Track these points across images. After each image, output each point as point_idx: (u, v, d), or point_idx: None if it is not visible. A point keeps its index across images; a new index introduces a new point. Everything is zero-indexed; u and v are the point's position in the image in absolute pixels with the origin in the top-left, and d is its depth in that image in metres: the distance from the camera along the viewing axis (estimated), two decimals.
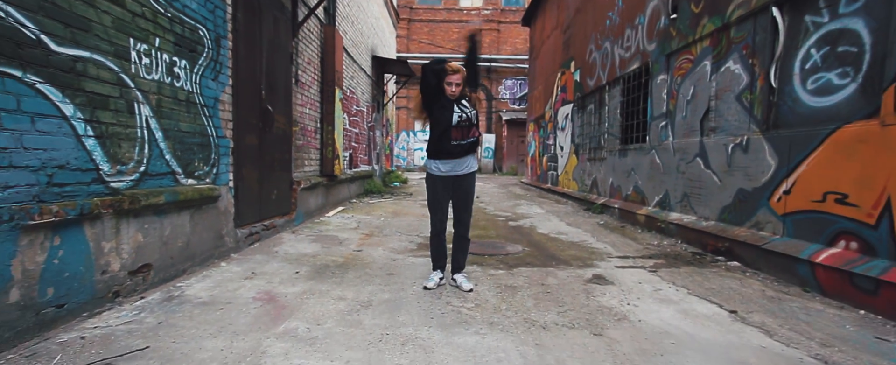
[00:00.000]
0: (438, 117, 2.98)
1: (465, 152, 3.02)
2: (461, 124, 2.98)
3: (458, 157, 3.01)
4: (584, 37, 8.96)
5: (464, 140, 3.00)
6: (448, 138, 2.97)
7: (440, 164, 3.04)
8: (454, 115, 2.97)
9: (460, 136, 2.99)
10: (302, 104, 5.87)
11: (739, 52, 4.01)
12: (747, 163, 3.85)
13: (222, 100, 3.69)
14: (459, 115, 2.98)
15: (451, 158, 3.01)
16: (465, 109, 3.00)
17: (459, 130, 2.98)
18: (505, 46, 23.46)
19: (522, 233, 5.50)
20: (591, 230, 5.67)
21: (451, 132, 2.97)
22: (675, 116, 5.18)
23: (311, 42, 6.17)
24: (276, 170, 4.85)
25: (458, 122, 2.97)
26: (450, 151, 2.98)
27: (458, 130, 2.98)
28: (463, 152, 3.01)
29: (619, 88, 7.04)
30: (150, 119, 2.78)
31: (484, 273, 3.52)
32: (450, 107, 2.98)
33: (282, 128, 5.02)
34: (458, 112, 2.98)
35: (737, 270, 3.69)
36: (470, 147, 3.04)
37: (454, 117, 2.97)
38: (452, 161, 3.02)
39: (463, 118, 2.98)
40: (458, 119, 2.97)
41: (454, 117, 2.97)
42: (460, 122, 2.98)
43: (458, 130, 2.98)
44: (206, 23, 3.43)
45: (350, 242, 4.65)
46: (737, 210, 3.98)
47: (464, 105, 3.02)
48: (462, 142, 3.00)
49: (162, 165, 2.89)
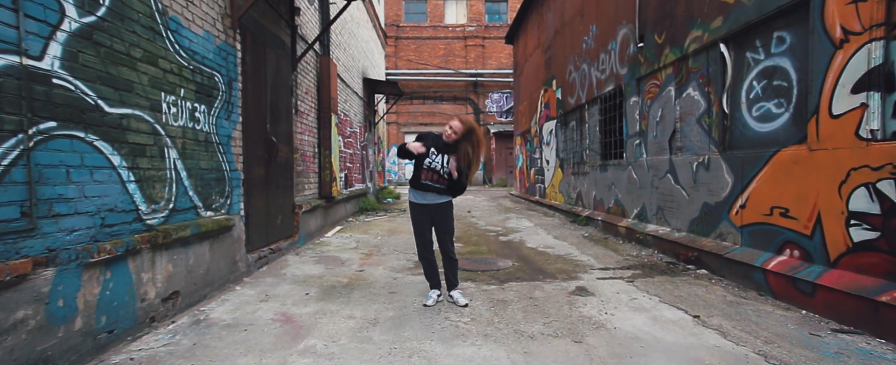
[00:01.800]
0: (422, 159, 3.32)
1: (436, 191, 3.35)
2: (432, 169, 3.30)
3: (430, 192, 3.36)
4: (563, 57, 9.50)
5: (434, 182, 3.31)
6: (419, 177, 3.33)
7: (416, 194, 3.41)
8: (427, 159, 3.27)
9: (431, 179, 3.31)
10: (301, 132, 6.22)
11: (697, 80, 4.50)
12: (709, 179, 4.30)
13: (234, 136, 4.04)
14: (431, 162, 3.27)
15: (424, 191, 3.37)
16: (441, 162, 3.26)
17: (430, 174, 3.30)
18: (490, 61, 24.13)
19: (512, 248, 5.88)
20: (577, 243, 6.07)
21: (422, 172, 3.33)
22: (647, 135, 5.65)
23: (308, 73, 6.56)
24: (280, 196, 5.18)
25: (429, 166, 3.30)
26: (422, 187, 3.35)
27: (429, 173, 3.30)
28: (434, 191, 3.34)
29: (598, 107, 7.53)
30: (177, 161, 3.12)
31: (478, 289, 3.88)
32: (434, 149, 3.30)
33: (284, 156, 5.36)
34: (431, 159, 3.27)
35: (704, 277, 4.11)
36: (440, 190, 3.33)
37: (426, 161, 3.31)
38: (426, 193, 3.37)
39: (433, 167, 3.27)
40: (429, 165, 3.30)
41: (426, 161, 3.31)
42: (432, 167, 3.30)
43: (430, 173, 3.30)
44: (220, 69, 3.80)
45: (352, 263, 4.98)
46: (703, 222, 4.43)
47: (443, 158, 3.27)
48: (432, 184, 3.32)
49: (186, 201, 3.22)
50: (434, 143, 3.37)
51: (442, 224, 3.43)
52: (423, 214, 3.40)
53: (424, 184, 3.32)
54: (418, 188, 3.37)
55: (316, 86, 6.98)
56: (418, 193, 3.39)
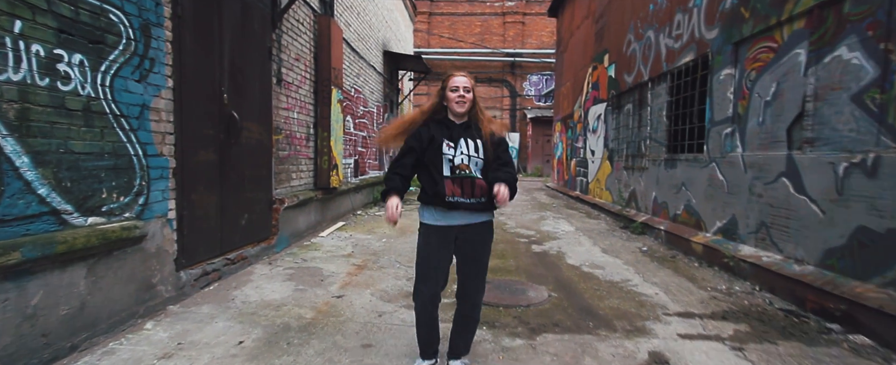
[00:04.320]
0: (432, 157, 2.03)
1: (468, 208, 2.04)
2: (460, 174, 1.99)
3: (458, 210, 2.04)
4: (620, 26, 7.79)
5: (465, 198, 2.01)
6: (440, 194, 1.99)
7: (434, 213, 2.08)
8: (447, 157, 1.99)
9: (461, 192, 2.00)
10: (288, 108, 5.01)
11: (860, 33, 2.87)
12: (875, 191, 2.72)
13: (155, 107, 2.84)
14: (456, 156, 2.00)
15: (448, 210, 2.05)
16: (469, 151, 2.01)
17: (458, 184, 1.99)
18: (530, 40, 22.23)
19: (548, 264, 4.47)
20: (634, 262, 4.58)
21: (443, 185, 1.99)
22: (746, 122, 4.03)
23: (300, 35, 5.30)
24: (246, 189, 4.00)
25: (453, 172, 1.99)
26: (446, 205, 2.03)
27: (455, 184, 1.99)
28: (464, 208, 2.03)
29: (666, 86, 5.88)
30: (4, 139, 1.93)
31: (496, 346, 2.54)
32: (444, 138, 2.02)
33: (256, 137, 4.16)
34: (452, 152, 2.00)
35: (870, 351, 2.56)
36: (474, 207, 2.04)
37: (446, 162, 1.99)
38: (451, 212, 2.05)
39: (463, 164, 1.99)
40: (457, 163, 1.99)
41: (446, 162, 1.99)
42: (459, 172, 1.99)
43: (457, 184, 1.99)
44: (124, 4, 2.57)
45: (334, 280, 3.76)
46: (856, 257, 2.86)
47: (469, 145, 2.02)
48: (461, 199, 2.00)
49: (29, 204, 2.04)
50: (439, 130, 2.06)
51: (471, 259, 2.10)
52: (443, 240, 2.07)
53: (452, 203, 2.01)
54: (439, 206, 2.04)
55: (312, 52, 5.72)
56: (438, 213, 2.07)
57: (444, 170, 2.00)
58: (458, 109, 2.06)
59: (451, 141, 2.02)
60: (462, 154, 2.00)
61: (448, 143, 2.01)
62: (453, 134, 2.05)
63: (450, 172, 2.00)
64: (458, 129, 2.07)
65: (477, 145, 2.03)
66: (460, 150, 2.00)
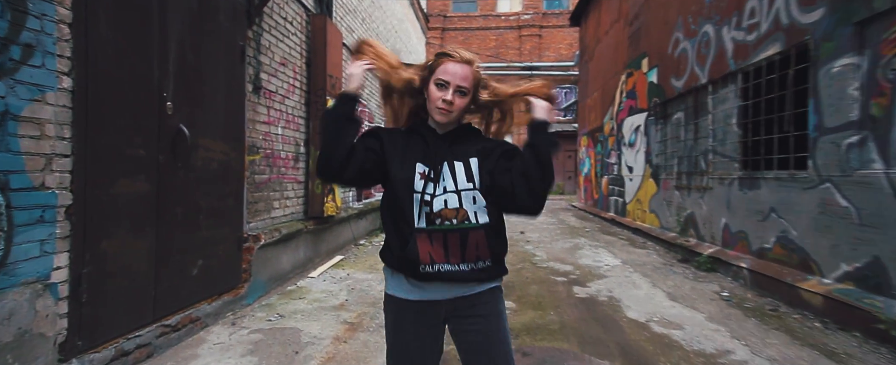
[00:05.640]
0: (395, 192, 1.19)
1: (457, 280, 1.18)
2: (443, 226, 1.15)
3: (439, 281, 1.19)
4: (663, 24, 6.75)
5: (453, 264, 1.16)
6: (411, 260, 1.15)
7: (403, 282, 1.22)
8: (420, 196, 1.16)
9: (444, 256, 1.15)
10: (270, 121, 4.06)
11: None
12: None
13: (30, 117, 1.88)
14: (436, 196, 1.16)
15: (424, 282, 1.20)
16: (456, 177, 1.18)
17: (440, 242, 1.15)
18: (547, 52, 21.36)
19: (603, 319, 3.34)
20: (721, 316, 3.40)
21: (414, 243, 1.15)
22: (890, 127, 2.88)
23: (288, 35, 4.40)
24: (202, 227, 3.01)
25: (430, 222, 1.16)
26: (419, 277, 1.18)
27: (434, 241, 1.15)
28: (450, 280, 1.18)
29: (735, 88, 4.76)
30: None
31: None
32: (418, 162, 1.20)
33: (219, 158, 3.19)
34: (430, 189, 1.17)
35: None
36: (474, 276, 1.18)
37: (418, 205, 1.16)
38: (429, 284, 1.20)
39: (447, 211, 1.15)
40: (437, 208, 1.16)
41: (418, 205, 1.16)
42: (442, 223, 1.16)
43: (437, 242, 1.15)
44: None
45: (313, 351, 2.70)
46: None
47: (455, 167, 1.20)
48: (446, 267, 1.15)
49: None
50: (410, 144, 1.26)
51: (481, 351, 1.21)
52: (424, 323, 1.23)
53: (429, 272, 1.15)
54: (411, 276, 1.19)
55: (304, 56, 4.81)
56: (410, 283, 1.21)
57: (416, 217, 1.15)
58: (439, 118, 1.22)
59: (429, 167, 1.18)
60: (445, 193, 1.15)
61: (422, 173, 1.16)
62: (432, 154, 1.19)
63: (425, 223, 1.15)
64: (439, 143, 1.20)
65: (470, 169, 1.19)
66: (443, 185, 1.16)
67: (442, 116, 1.20)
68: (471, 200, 1.16)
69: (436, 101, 1.19)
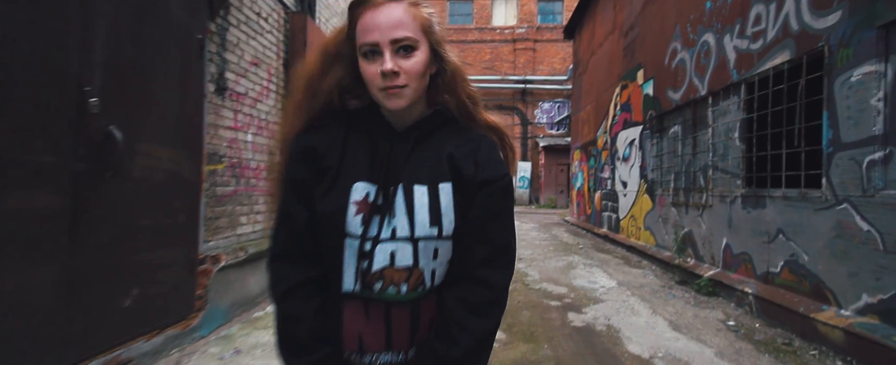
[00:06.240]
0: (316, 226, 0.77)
1: None
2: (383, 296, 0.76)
3: None
4: (660, 34, 6.53)
5: (392, 354, 0.76)
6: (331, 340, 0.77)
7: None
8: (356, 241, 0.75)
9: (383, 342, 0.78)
10: (237, 127, 3.69)
11: None
12: None
13: None
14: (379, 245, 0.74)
15: None
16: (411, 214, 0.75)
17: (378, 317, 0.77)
18: (541, 66, 21.29)
19: (601, 354, 2.97)
20: (730, 351, 3.05)
21: (339, 317, 0.77)
22: None
23: (261, 33, 4.06)
24: (141, 248, 2.60)
25: (367, 284, 0.75)
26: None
27: (368, 316, 0.76)
28: None
29: (738, 100, 4.50)
30: None
31: None
32: (360, 181, 0.77)
33: (167, 168, 2.81)
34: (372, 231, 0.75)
35: None
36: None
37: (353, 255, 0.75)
38: None
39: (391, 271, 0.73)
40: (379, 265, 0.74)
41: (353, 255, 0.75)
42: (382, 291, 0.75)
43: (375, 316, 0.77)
44: None
45: None
46: None
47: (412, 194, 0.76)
48: (382, 358, 0.75)
49: None
50: (351, 148, 0.80)
51: None
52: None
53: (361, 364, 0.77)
54: None
55: (281, 57, 4.47)
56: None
57: (347, 274, 0.77)
58: (389, 104, 0.77)
59: (375, 186, 0.77)
60: (394, 241, 0.76)
61: (361, 201, 0.76)
62: (381, 164, 0.78)
63: (360, 284, 0.76)
64: (397, 145, 0.80)
65: (438, 201, 0.77)
66: (393, 225, 0.76)
67: (395, 101, 0.75)
68: (431, 254, 0.76)
69: (373, 81, 0.74)
